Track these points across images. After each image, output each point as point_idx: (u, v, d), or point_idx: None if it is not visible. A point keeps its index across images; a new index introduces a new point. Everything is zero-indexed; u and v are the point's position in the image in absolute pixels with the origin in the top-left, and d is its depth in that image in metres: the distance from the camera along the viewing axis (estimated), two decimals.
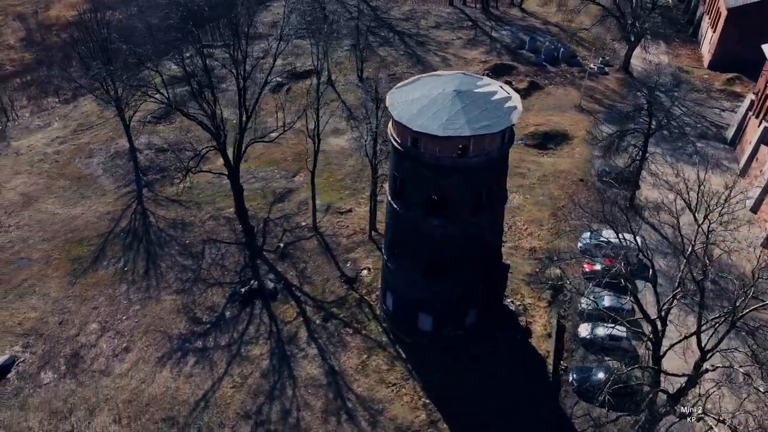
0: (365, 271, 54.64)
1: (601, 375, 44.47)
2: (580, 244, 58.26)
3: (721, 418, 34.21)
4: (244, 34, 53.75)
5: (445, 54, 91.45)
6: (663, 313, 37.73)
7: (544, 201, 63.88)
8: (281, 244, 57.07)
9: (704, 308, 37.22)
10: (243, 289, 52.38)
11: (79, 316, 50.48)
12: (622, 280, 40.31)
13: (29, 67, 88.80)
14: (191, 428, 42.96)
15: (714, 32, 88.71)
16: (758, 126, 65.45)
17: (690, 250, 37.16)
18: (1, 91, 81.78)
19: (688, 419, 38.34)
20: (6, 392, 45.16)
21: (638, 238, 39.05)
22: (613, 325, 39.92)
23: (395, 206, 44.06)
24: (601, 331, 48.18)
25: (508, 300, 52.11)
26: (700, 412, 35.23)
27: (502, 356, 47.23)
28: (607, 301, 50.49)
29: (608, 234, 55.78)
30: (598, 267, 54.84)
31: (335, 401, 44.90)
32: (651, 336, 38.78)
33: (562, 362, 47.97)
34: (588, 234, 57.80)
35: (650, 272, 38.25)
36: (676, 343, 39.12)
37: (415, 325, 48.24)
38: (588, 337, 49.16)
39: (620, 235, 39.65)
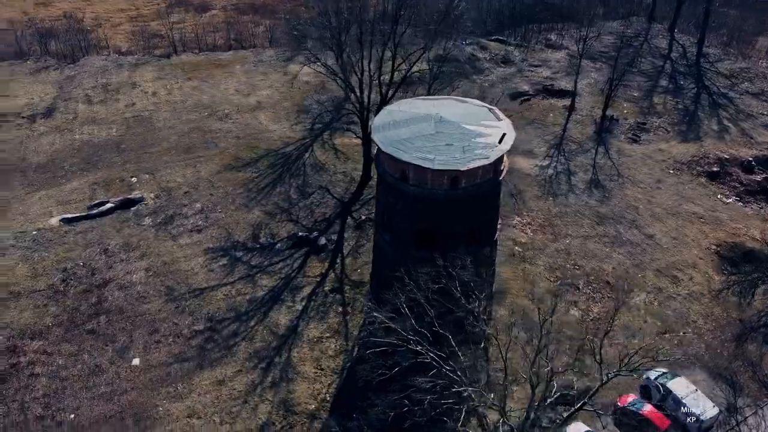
0: None
1: None
2: (644, 377, 47.13)
3: None
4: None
5: (727, 125, 75.89)
6: None
7: (665, 320, 52.21)
8: (364, 217, 60.46)
9: None
10: (300, 234, 58.38)
11: (199, 195, 63.53)
12: None
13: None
14: (173, 303, 52.17)
15: None
16: None
17: None
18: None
19: None
20: (122, 217, 61.17)
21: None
22: None
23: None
24: None
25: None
26: None
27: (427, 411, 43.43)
28: None
29: (685, 389, 45.44)
30: (637, 408, 44.53)
31: (269, 351, 48.52)
32: None
33: None
34: (658, 373, 46.81)
35: None
36: None
37: None
38: None
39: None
